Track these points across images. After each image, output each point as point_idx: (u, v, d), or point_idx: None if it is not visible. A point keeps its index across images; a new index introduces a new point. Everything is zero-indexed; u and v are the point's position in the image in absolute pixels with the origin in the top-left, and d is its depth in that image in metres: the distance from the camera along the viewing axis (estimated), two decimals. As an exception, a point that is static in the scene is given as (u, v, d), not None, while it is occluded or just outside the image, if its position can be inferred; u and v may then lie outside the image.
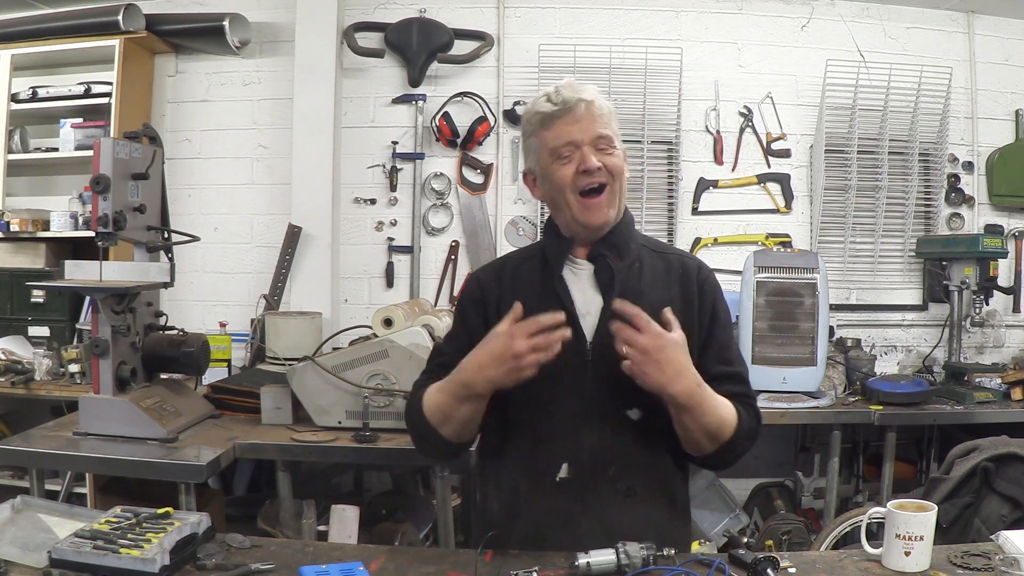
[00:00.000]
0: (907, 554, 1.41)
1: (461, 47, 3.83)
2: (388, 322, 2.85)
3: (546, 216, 1.66)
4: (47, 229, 3.76)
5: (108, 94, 3.67)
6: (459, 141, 3.84)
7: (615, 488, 1.54)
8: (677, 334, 1.43)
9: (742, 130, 3.92)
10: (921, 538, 1.41)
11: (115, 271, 2.51)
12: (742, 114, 3.91)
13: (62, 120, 3.77)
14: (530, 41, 3.84)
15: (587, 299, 1.57)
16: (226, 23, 3.71)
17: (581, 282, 1.59)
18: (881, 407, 3.16)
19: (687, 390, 1.43)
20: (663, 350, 1.40)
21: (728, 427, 1.50)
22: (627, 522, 1.47)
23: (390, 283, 3.92)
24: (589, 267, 1.59)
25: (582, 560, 1.37)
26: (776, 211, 3.94)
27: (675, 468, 1.61)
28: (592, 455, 1.53)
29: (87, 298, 3.30)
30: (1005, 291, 3.63)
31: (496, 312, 1.59)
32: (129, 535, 1.42)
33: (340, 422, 2.62)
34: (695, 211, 3.92)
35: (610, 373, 1.51)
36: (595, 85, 1.58)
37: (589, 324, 1.55)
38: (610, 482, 1.54)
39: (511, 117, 3.87)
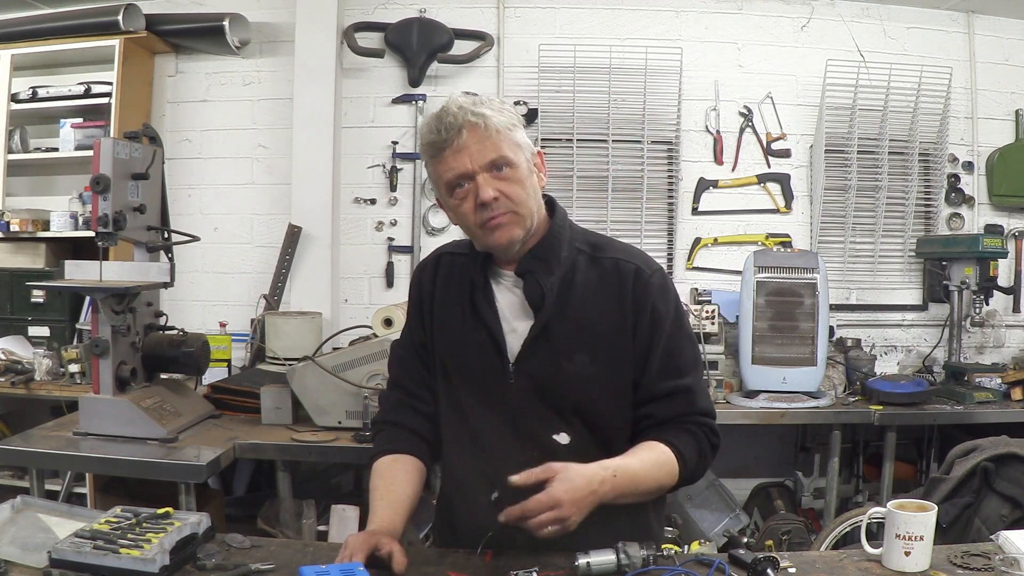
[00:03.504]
0: (907, 554, 1.41)
1: (461, 47, 3.83)
2: (388, 322, 2.85)
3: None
4: (47, 229, 3.76)
5: (108, 94, 3.67)
6: (459, 141, 3.83)
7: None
8: (561, 480, 1.29)
9: (742, 130, 3.92)
10: (921, 538, 1.41)
11: (115, 271, 2.51)
12: (742, 114, 3.91)
13: (62, 120, 3.77)
14: (530, 41, 3.84)
15: (514, 316, 1.49)
16: (226, 23, 3.71)
17: (509, 298, 1.50)
18: (881, 407, 3.16)
19: (607, 494, 1.33)
20: (564, 504, 1.27)
21: (670, 475, 1.43)
22: (561, 542, 1.37)
23: (390, 283, 3.92)
24: (518, 282, 1.49)
25: (582, 560, 1.37)
26: (776, 211, 3.94)
27: None
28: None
29: (87, 298, 3.30)
30: (1005, 291, 3.63)
31: (430, 311, 1.57)
32: (129, 535, 1.42)
33: (340, 422, 2.62)
34: (695, 211, 3.92)
35: (535, 395, 1.46)
36: (488, 95, 1.46)
37: (514, 343, 1.48)
38: None
39: (511, 117, 3.87)
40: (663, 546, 1.42)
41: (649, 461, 1.41)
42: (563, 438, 1.47)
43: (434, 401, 1.60)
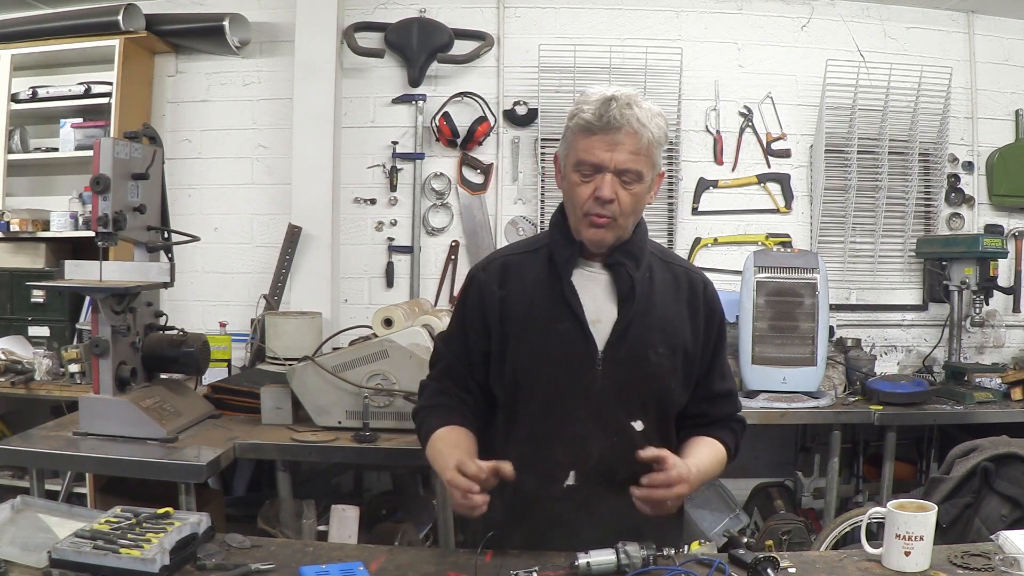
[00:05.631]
0: (907, 554, 1.41)
1: (461, 47, 3.83)
2: (388, 322, 2.84)
3: (547, 215, 1.61)
4: (47, 229, 3.76)
5: (108, 94, 3.67)
6: (459, 141, 3.84)
7: (620, 496, 1.52)
8: (678, 467, 1.43)
9: (742, 130, 3.92)
10: (921, 538, 1.41)
11: (115, 271, 2.51)
12: (742, 114, 3.91)
13: (62, 120, 3.77)
14: (530, 41, 3.84)
15: (599, 306, 1.54)
16: (226, 23, 3.71)
17: (594, 287, 1.55)
18: (881, 407, 3.16)
19: (693, 488, 1.49)
20: (688, 484, 1.44)
21: (723, 463, 1.63)
22: (629, 529, 1.46)
23: (390, 283, 3.92)
24: (604, 274, 1.56)
25: (582, 560, 1.37)
26: (776, 211, 3.94)
27: None
28: (599, 463, 1.53)
29: (87, 298, 3.30)
30: (1005, 291, 3.62)
31: (498, 315, 1.57)
32: (129, 535, 1.42)
33: (340, 422, 2.62)
34: (695, 211, 3.92)
35: (619, 383, 1.52)
36: (650, 102, 1.50)
37: (601, 332, 1.53)
38: (615, 490, 1.52)
39: (511, 117, 3.87)
40: (663, 546, 1.42)
41: (715, 460, 1.60)
42: (639, 425, 1.55)
43: (475, 402, 1.64)
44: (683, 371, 1.58)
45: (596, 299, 1.55)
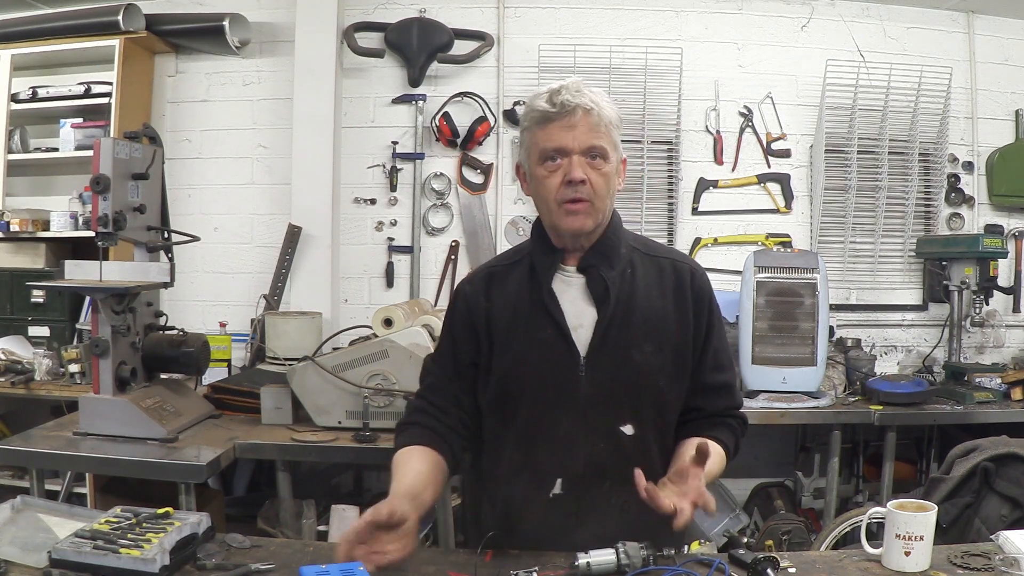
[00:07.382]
0: (907, 554, 1.41)
1: (461, 47, 3.83)
2: (388, 322, 2.84)
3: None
4: (47, 229, 3.76)
5: (108, 94, 3.67)
6: (459, 141, 3.84)
7: (610, 502, 1.52)
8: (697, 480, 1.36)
9: (742, 130, 3.92)
10: (921, 538, 1.41)
11: (115, 271, 2.51)
12: (742, 114, 3.91)
13: (62, 120, 3.77)
14: (530, 41, 3.84)
15: (579, 311, 1.52)
16: (226, 23, 3.71)
17: (572, 293, 1.54)
18: (881, 407, 3.16)
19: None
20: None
21: (723, 466, 1.58)
22: (622, 535, 1.43)
23: (390, 283, 3.92)
24: (580, 278, 1.54)
25: (582, 560, 1.37)
26: (776, 211, 3.94)
27: None
28: (586, 470, 1.51)
29: (87, 298, 3.30)
30: (1005, 291, 3.62)
31: (486, 327, 1.57)
32: (129, 535, 1.42)
33: (340, 422, 2.62)
34: (695, 211, 3.92)
35: (603, 388, 1.50)
36: (601, 88, 1.51)
37: (582, 337, 1.51)
38: (605, 496, 1.52)
39: (511, 117, 3.87)
40: (663, 546, 1.42)
41: (715, 463, 1.50)
42: (628, 429, 1.52)
43: (462, 416, 1.61)
44: (674, 366, 1.54)
45: (575, 304, 1.53)
